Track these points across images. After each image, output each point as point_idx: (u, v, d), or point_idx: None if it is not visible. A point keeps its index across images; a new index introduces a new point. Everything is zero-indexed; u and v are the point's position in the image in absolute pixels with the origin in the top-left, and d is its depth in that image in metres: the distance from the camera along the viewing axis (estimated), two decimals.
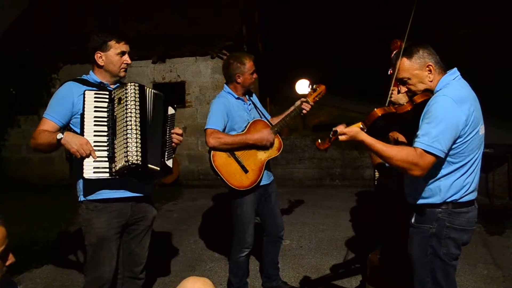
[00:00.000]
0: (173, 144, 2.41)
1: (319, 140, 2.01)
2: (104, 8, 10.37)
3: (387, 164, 3.13)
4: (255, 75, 3.09)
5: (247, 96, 3.17)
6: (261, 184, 3.02)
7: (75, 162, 2.26)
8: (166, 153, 2.34)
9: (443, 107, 1.86)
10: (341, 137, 1.91)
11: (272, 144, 2.96)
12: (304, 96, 3.13)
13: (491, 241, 4.51)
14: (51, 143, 2.14)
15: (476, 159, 1.98)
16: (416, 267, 2.06)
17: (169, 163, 2.36)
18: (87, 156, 2.08)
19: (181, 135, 2.43)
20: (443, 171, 1.95)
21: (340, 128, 1.93)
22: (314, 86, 3.04)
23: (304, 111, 3.03)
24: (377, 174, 3.51)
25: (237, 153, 2.91)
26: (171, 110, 2.43)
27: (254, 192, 3.01)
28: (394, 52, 2.76)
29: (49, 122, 2.22)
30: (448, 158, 1.92)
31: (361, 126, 1.97)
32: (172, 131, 2.41)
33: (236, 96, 3.07)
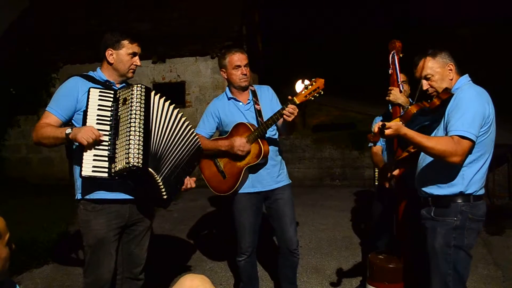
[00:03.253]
0: (184, 186, 2.40)
1: (371, 134, 2.13)
2: (104, 8, 10.38)
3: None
4: (241, 71, 2.78)
5: (250, 93, 2.88)
6: (247, 191, 2.84)
7: (75, 159, 2.25)
8: (173, 188, 2.29)
9: (471, 97, 2.05)
10: (387, 131, 2.00)
11: (249, 151, 2.72)
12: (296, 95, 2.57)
13: (491, 241, 4.50)
14: (58, 137, 2.12)
15: (490, 154, 2.14)
16: (438, 260, 2.13)
17: (171, 196, 2.28)
18: (94, 143, 2.05)
19: (191, 187, 2.46)
20: (466, 161, 2.07)
21: (386, 123, 2.05)
22: (308, 83, 2.46)
23: (286, 117, 2.52)
24: (377, 174, 3.52)
25: (218, 158, 2.87)
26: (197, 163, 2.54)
27: (246, 198, 2.85)
28: (392, 52, 2.77)
29: (52, 116, 2.21)
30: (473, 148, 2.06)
31: (401, 122, 2.13)
32: (189, 178, 2.44)
33: (229, 96, 2.89)
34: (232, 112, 2.86)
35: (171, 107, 2.32)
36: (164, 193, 2.18)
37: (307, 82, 2.52)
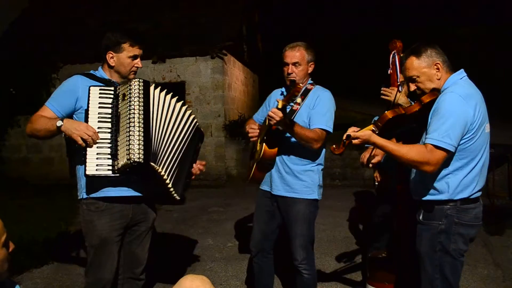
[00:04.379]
0: (193, 175, 2.45)
1: (334, 146, 2.04)
2: (104, 8, 10.39)
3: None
4: (287, 69, 2.63)
5: (302, 92, 2.63)
6: (263, 188, 2.79)
7: (78, 158, 2.24)
8: (181, 180, 2.33)
9: (451, 103, 1.92)
10: (354, 141, 1.95)
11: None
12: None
13: (491, 241, 4.51)
14: (50, 129, 2.13)
15: (482, 157, 2.02)
16: (425, 264, 2.08)
17: (180, 190, 2.33)
18: (92, 142, 2.06)
19: (204, 165, 2.48)
20: (450, 168, 1.98)
21: (353, 132, 1.97)
22: (292, 87, 2.33)
23: (269, 121, 2.37)
24: (377, 174, 3.51)
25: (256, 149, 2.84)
26: (199, 144, 2.51)
27: (260, 195, 2.82)
28: (393, 52, 2.76)
29: (49, 111, 2.21)
30: (456, 155, 1.96)
31: (373, 128, 2.03)
32: (198, 162, 2.46)
33: (282, 91, 2.83)
34: (276, 105, 2.77)
35: (174, 99, 2.32)
36: (170, 187, 2.21)
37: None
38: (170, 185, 2.20)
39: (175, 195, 2.24)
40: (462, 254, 2.06)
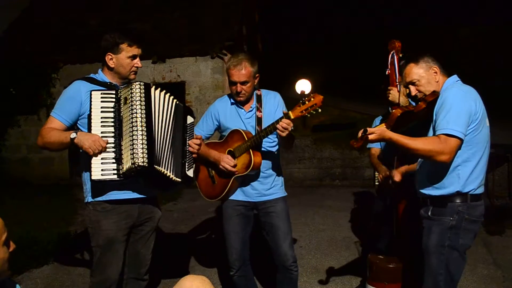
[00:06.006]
0: (191, 149, 2.43)
1: (353, 140, 2.12)
2: (104, 8, 10.38)
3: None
4: (236, 88, 2.59)
5: (255, 99, 2.70)
6: (236, 199, 2.71)
7: (83, 163, 2.26)
8: (187, 164, 2.38)
9: (455, 96, 2.07)
10: (370, 136, 2.03)
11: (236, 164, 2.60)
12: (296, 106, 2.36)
13: (491, 241, 4.51)
14: (64, 142, 2.14)
15: (485, 151, 2.14)
16: (431, 259, 2.14)
17: (190, 173, 2.40)
18: (100, 152, 2.08)
19: (199, 144, 2.45)
20: (459, 159, 2.08)
21: (369, 128, 2.07)
22: (306, 98, 2.30)
23: (280, 132, 2.35)
24: (377, 174, 3.52)
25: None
26: (190, 119, 2.47)
27: (233, 206, 2.72)
28: (392, 52, 2.77)
29: (56, 121, 2.22)
30: (464, 146, 2.06)
31: (385, 126, 2.17)
32: (194, 136, 2.47)
33: (232, 101, 2.73)
34: (232, 117, 2.72)
35: (171, 98, 2.33)
36: (171, 177, 2.25)
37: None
38: (168, 174, 2.24)
39: (175, 179, 2.27)
40: (467, 249, 2.15)
